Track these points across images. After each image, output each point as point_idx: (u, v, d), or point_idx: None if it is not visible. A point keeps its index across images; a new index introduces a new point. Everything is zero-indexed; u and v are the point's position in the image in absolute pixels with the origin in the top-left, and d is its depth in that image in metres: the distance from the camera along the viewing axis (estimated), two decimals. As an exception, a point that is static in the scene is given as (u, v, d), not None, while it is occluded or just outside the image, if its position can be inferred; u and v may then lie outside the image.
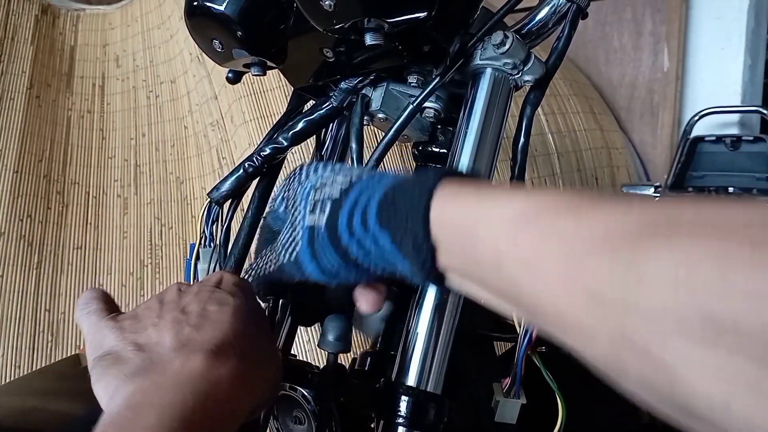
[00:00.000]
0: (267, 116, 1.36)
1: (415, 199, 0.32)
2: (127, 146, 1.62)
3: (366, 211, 0.35)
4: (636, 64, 1.97)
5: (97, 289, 0.42)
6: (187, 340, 0.35)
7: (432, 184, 0.31)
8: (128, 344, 0.35)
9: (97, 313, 0.39)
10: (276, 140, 0.57)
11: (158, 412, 0.30)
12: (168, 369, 0.33)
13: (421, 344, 0.42)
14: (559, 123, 1.70)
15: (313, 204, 0.38)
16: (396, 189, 0.34)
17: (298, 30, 0.52)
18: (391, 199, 0.34)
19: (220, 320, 0.37)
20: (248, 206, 0.59)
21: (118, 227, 1.52)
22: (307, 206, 0.38)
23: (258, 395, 0.37)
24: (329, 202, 0.37)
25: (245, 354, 0.36)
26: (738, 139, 1.53)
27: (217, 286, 0.41)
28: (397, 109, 0.53)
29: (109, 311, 0.39)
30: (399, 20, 0.41)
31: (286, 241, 0.40)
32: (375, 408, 0.43)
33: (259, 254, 0.45)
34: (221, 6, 0.49)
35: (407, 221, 0.32)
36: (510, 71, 0.47)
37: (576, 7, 0.48)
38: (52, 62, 1.66)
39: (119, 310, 0.40)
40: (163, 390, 0.32)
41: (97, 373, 0.35)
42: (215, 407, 0.32)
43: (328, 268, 0.37)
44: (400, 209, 0.32)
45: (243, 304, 0.39)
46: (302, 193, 0.40)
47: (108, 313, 0.39)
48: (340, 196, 0.37)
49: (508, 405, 0.48)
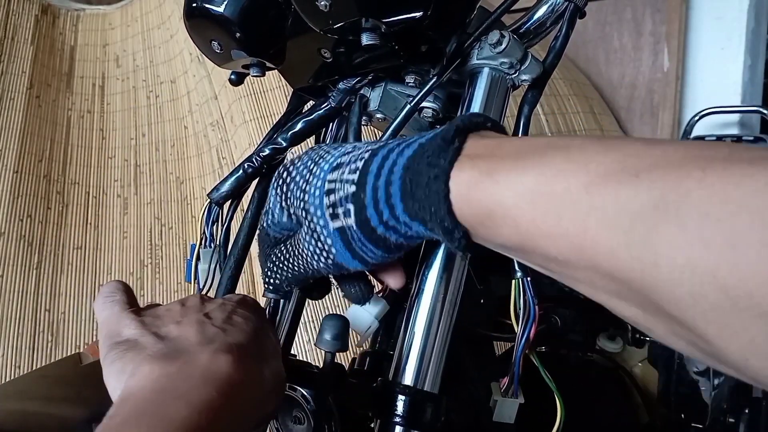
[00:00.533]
0: (267, 116, 1.36)
1: (432, 188, 0.31)
2: (127, 146, 1.62)
3: (392, 204, 0.34)
4: (636, 64, 1.97)
5: (123, 282, 0.42)
6: (214, 336, 0.35)
7: (446, 164, 0.31)
8: (149, 333, 0.35)
9: (120, 304, 0.39)
10: (275, 141, 0.57)
11: (188, 405, 0.29)
12: (195, 361, 0.32)
13: (418, 343, 0.42)
14: (559, 123, 1.70)
15: (332, 207, 0.36)
16: (412, 174, 0.32)
17: (296, 30, 0.52)
18: (410, 190, 0.32)
19: (244, 330, 0.37)
20: (248, 206, 0.59)
21: (118, 227, 1.52)
22: (324, 213, 0.37)
23: (268, 409, 0.37)
24: (350, 201, 0.35)
25: (263, 366, 0.36)
26: (738, 140, 1.53)
27: (239, 303, 0.41)
28: (395, 109, 0.53)
29: (131, 305, 0.39)
30: (395, 20, 0.41)
31: (313, 251, 0.38)
32: (372, 407, 0.43)
33: (269, 262, 0.44)
34: (220, 7, 0.49)
35: (431, 212, 0.31)
36: (507, 70, 0.47)
37: (574, 6, 0.48)
38: (52, 62, 1.66)
39: (139, 307, 0.40)
40: (192, 381, 0.31)
41: (113, 357, 0.34)
42: (235, 411, 0.31)
43: (373, 259, 0.37)
44: (421, 199, 0.32)
45: (262, 324, 0.40)
46: (312, 200, 0.38)
47: (130, 306, 0.39)
48: (357, 190, 0.35)
49: (506, 404, 0.48)
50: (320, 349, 0.42)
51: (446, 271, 0.43)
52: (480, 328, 0.66)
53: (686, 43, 1.90)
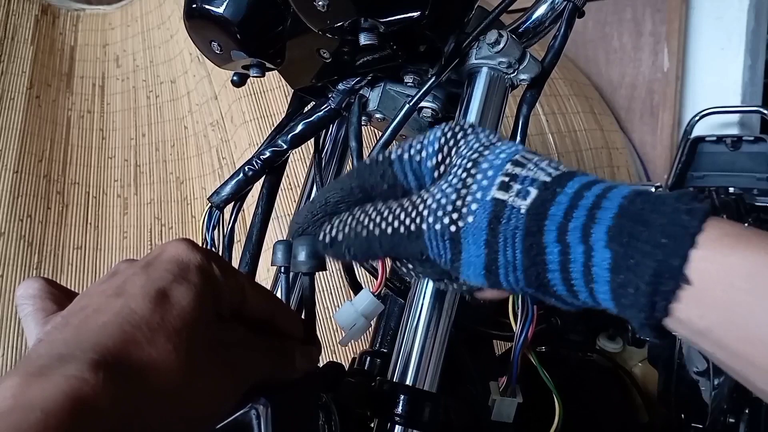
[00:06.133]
0: (267, 116, 1.36)
1: (677, 224, 0.24)
2: (127, 146, 1.62)
3: (594, 217, 0.26)
4: (636, 64, 1.97)
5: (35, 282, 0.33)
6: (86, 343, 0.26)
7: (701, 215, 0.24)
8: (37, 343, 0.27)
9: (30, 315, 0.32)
10: (276, 143, 0.57)
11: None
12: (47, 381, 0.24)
13: (417, 342, 0.43)
14: (560, 123, 1.70)
15: (508, 177, 0.29)
16: (644, 203, 0.26)
17: (295, 31, 0.52)
18: (636, 214, 0.25)
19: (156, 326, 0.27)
20: (257, 203, 0.59)
21: (118, 227, 1.52)
22: (494, 176, 0.29)
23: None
24: (535, 184, 0.28)
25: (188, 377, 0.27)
26: (738, 140, 1.53)
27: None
28: (394, 109, 0.53)
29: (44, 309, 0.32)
30: (392, 20, 0.41)
31: (432, 203, 0.30)
32: (371, 406, 0.43)
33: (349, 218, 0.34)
34: (220, 8, 0.49)
35: (655, 248, 0.24)
36: (505, 70, 0.47)
37: (572, 5, 0.48)
38: (52, 62, 1.66)
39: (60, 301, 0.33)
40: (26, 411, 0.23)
41: None
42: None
43: (497, 267, 0.28)
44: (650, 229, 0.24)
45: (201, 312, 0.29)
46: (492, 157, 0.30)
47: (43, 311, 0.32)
48: (551, 181, 0.28)
49: (505, 404, 0.48)
50: (298, 272, 0.37)
51: (445, 271, 0.43)
52: (479, 327, 0.66)
53: (686, 43, 1.90)
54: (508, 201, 0.28)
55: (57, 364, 0.24)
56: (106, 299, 0.28)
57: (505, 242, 0.28)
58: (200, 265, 0.30)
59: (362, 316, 0.37)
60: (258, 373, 0.31)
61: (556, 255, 0.27)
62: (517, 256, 0.28)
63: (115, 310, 0.27)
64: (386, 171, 0.34)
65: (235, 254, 0.58)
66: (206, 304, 0.29)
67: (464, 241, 0.29)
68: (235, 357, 0.30)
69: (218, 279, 0.31)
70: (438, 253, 0.30)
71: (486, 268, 0.29)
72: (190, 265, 0.30)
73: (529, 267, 0.28)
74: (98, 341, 0.25)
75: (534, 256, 0.27)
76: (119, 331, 0.26)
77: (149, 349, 0.26)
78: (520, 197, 0.28)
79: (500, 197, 0.28)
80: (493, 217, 0.28)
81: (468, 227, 0.28)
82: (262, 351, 0.32)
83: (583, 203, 0.27)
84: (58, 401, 0.22)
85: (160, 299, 0.27)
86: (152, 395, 0.25)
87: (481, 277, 0.29)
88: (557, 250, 0.27)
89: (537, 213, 0.27)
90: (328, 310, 1.17)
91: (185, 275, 0.29)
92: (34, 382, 0.23)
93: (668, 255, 0.24)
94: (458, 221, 0.29)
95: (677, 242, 0.24)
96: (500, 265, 0.28)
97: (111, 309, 0.27)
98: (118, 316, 0.26)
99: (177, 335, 0.27)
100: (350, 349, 1.03)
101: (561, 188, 0.27)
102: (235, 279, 0.32)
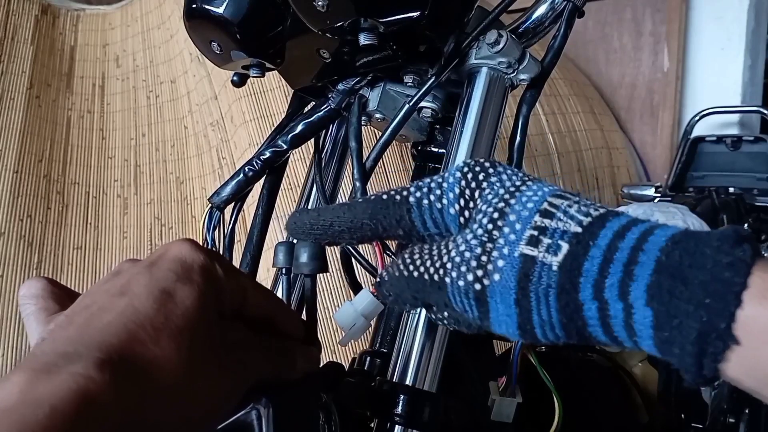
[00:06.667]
0: (267, 116, 1.36)
1: (719, 281, 0.23)
2: (127, 146, 1.62)
3: (631, 274, 0.25)
4: (636, 64, 1.97)
5: (38, 282, 0.34)
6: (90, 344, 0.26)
7: (744, 268, 0.23)
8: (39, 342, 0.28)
9: (32, 316, 0.33)
10: (276, 143, 0.57)
11: None
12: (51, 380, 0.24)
13: (417, 342, 0.43)
14: (560, 123, 1.70)
15: (537, 231, 0.27)
16: (683, 256, 0.24)
17: (295, 31, 0.52)
18: (675, 269, 0.24)
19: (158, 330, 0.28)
20: (257, 203, 0.59)
21: (118, 227, 1.52)
22: (522, 230, 0.27)
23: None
24: (566, 237, 0.27)
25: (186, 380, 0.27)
26: (738, 140, 1.53)
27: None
28: (394, 109, 0.53)
29: (46, 309, 0.32)
30: (392, 20, 0.41)
31: (455, 256, 0.29)
32: (371, 406, 0.43)
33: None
34: (220, 8, 0.49)
35: (698, 308, 0.23)
36: (505, 70, 0.47)
37: (572, 5, 0.48)
38: (52, 62, 1.66)
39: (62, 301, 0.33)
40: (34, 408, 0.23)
41: None
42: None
43: (532, 326, 0.27)
44: (691, 288, 0.23)
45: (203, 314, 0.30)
46: (519, 207, 0.28)
47: (46, 311, 0.32)
48: (583, 232, 0.26)
49: (505, 404, 0.48)
50: (300, 274, 0.37)
51: (445, 271, 0.43)
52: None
53: (686, 43, 1.90)
54: (538, 257, 0.27)
55: (63, 362, 0.24)
56: (110, 298, 0.28)
57: (538, 301, 0.27)
58: (203, 265, 0.30)
59: (362, 316, 0.37)
60: (259, 372, 0.31)
61: (594, 311, 0.26)
62: (553, 314, 0.27)
63: (119, 309, 0.27)
64: (403, 217, 0.33)
65: (236, 255, 0.58)
66: (209, 303, 0.29)
67: (491, 300, 0.28)
68: (237, 357, 0.30)
69: (221, 279, 0.31)
70: (463, 309, 0.29)
71: (520, 327, 0.28)
72: (194, 265, 0.30)
73: (567, 323, 0.27)
74: (103, 340, 0.25)
75: (571, 313, 0.26)
76: (124, 330, 0.26)
77: (153, 348, 0.26)
78: (551, 253, 0.26)
79: (529, 253, 0.27)
80: (522, 275, 0.27)
81: (494, 285, 0.27)
82: (263, 351, 0.32)
83: (618, 257, 0.25)
84: (65, 398, 0.22)
85: (164, 299, 0.28)
86: (156, 394, 0.25)
87: (515, 336, 0.28)
88: (595, 307, 0.26)
89: (570, 270, 0.26)
90: (328, 310, 1.17)
91: (189, 275, 0.29)
92: (41, 378, 0.23)
93: (713, 315, 0.23)
94: (483, 279, 0.28)
95: (721, 302, 0.23)
96: (536, 324, 0.27)
97: (115, 308, 0.27)
98: (123, 315, 0.27)
99: (180, 334, 0.27)
100: (350, 349, 1.03)
101: (593, 240, 0.26)
102: (237, 279, 0.32)
